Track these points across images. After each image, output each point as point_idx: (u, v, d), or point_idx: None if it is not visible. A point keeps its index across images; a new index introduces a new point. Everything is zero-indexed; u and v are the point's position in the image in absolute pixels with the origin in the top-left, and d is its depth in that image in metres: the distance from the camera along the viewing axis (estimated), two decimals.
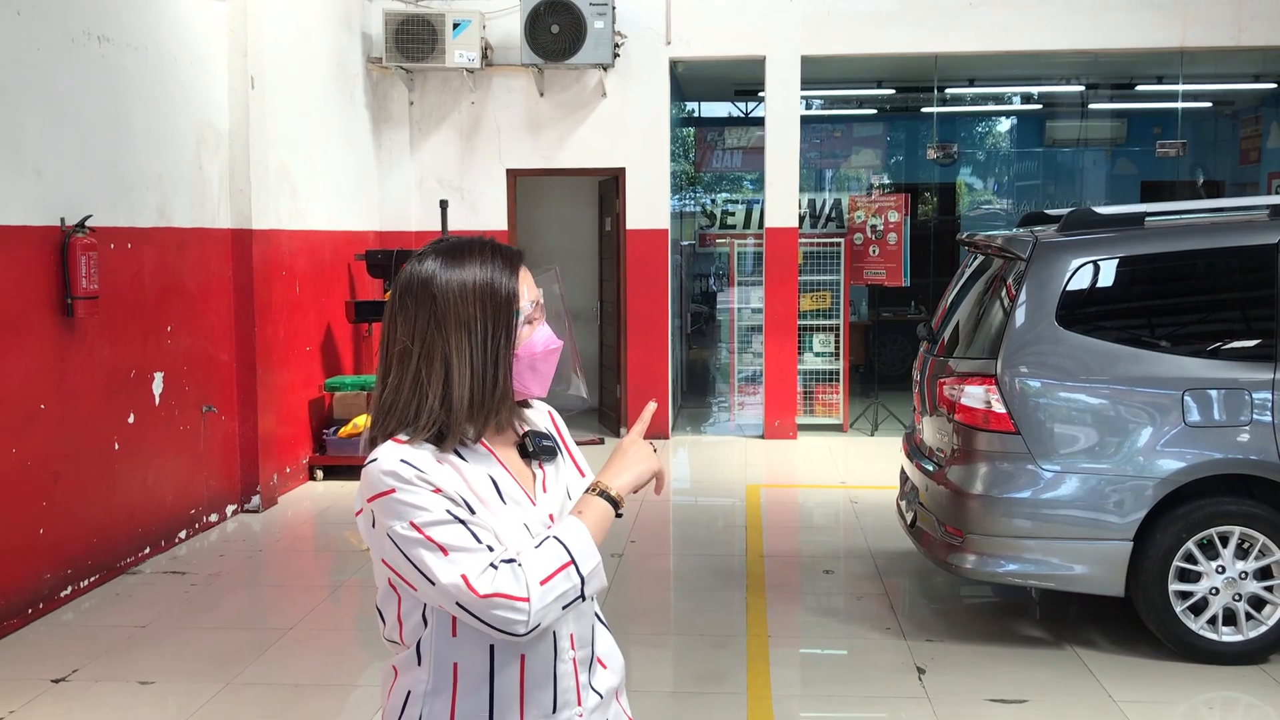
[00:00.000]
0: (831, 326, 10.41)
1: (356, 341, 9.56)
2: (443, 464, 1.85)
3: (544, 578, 1.75)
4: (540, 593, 1.75)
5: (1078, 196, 15.04)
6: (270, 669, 4.95)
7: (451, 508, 1.80)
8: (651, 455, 1.97)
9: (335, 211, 9.15)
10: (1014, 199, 15.79)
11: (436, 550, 1.76)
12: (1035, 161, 15.71)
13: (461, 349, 1.86)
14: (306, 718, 4.49)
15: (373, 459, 1.84)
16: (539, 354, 1.94)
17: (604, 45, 9.39)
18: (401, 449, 1.84)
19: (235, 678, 4.82)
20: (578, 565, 1.78)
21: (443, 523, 1.78)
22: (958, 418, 5.14)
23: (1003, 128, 16.12)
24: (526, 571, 1.75)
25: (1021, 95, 14.79)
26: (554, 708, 1.90)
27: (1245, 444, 4.80)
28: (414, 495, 1.79)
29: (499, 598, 1.73)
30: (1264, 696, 4.59)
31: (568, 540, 1.80)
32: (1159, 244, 5.13)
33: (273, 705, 4.58)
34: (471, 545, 1.77)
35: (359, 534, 7.07)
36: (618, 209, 10.19)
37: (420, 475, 1.80)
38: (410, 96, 10.01)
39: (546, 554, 1.78)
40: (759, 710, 4.47)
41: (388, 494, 1.80)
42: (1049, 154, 15.48)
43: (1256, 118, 13.88)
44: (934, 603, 5.85)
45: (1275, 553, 4.79)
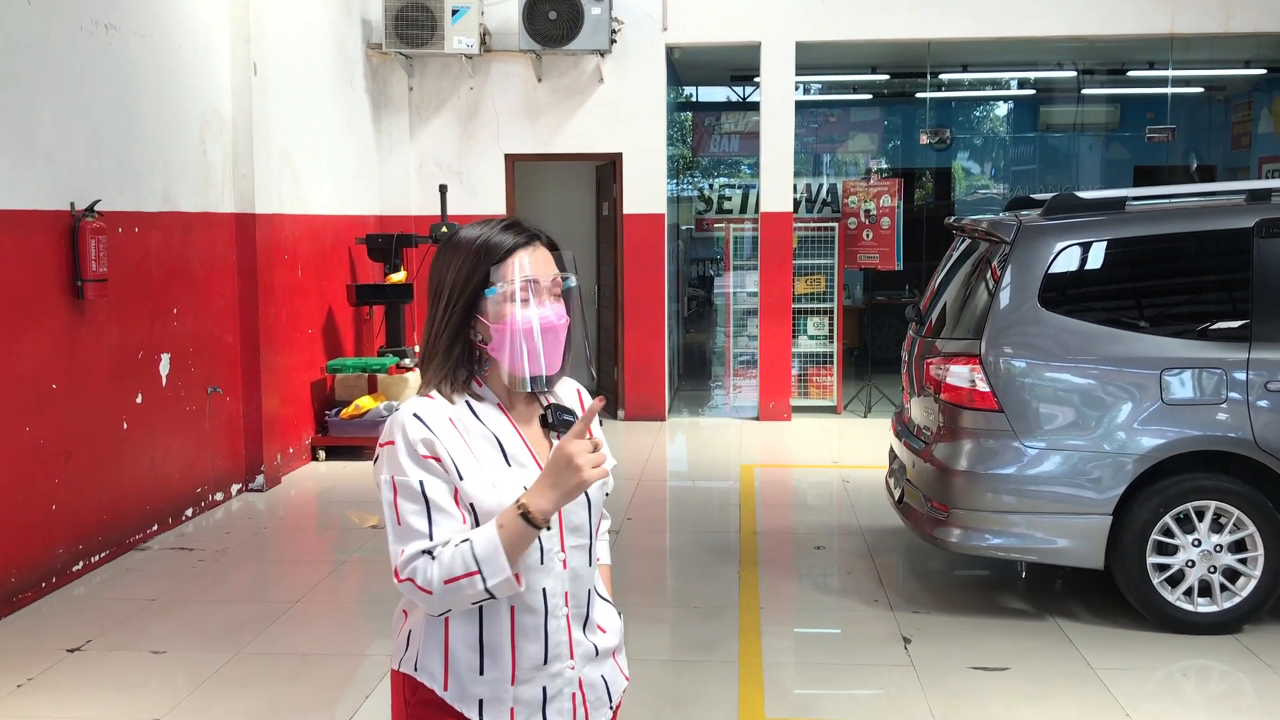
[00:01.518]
0: (826, 310, 10.56)
1: (357, 324, 9.71)
2: (454, 421, 2.01)
3: (449, 579, 1.91)
4: (443, 589, 1.91)
5: (1071, 181, 15.17)
6: (278, 639, 5.12)
7: (427, 479, 1.96)
8: (578, 469, 1.89)
9: (336, 196, 9.28)
10: (1008, 184, 15.92)
11: (394, 518, 1.98)
12: (1029, 147, 15.84)
13: (437, 309, 2.06)
14: (315, 684, 4.66)
15: (396, 407, 2.02)
16: (528, 330, 2.02)
17: (601, 31, 9.51)
18: (420, 403, 2.03)
19: (244, 647, 4.99)
20: (484, 576, 1.90)
21: (411, 495, 1.96)
22: (943, 397, 5.30)
23: (997, 113, 16.23)
24: (435, 568, 1.91)
25: (1015, 81, 14.90)
26: (545, 659, 2.05)
27: (1221, 422, 4.96)
28: (404, 456, 1.97)
29: (411, 583, 1.94)
30: (1237, 664, 4.75)
31: (480, 552, 1.90)
32: (1139, 228, 5.28)
33: (282, 672, 4.75)
34: (419, 528, 1.95)
35: (360, 513, 7.24)
36: (615, 194, 10.32)
37: (424, 434, 1.97)
38: (410, 82, 10.14)
39: (458, 558, 1.90)
40: (750, 678, 4.64)
41: (389, 444, 2.00)
42: (1042, 139, 15.61)
43: (1247, 103, 14.01)
44: (921, 577, 6.02)
45: (1249, 527, 4.95)
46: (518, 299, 2.03)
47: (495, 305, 2.03)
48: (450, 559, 1.91)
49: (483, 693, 2.02)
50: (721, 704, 4.40)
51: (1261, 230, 5.03)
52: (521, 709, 2.03)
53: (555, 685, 2.06)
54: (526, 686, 2.03)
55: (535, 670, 2.04)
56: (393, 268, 9.33)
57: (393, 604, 2.17)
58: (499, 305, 2.03)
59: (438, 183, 9.86)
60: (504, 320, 2.02)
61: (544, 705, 2.05)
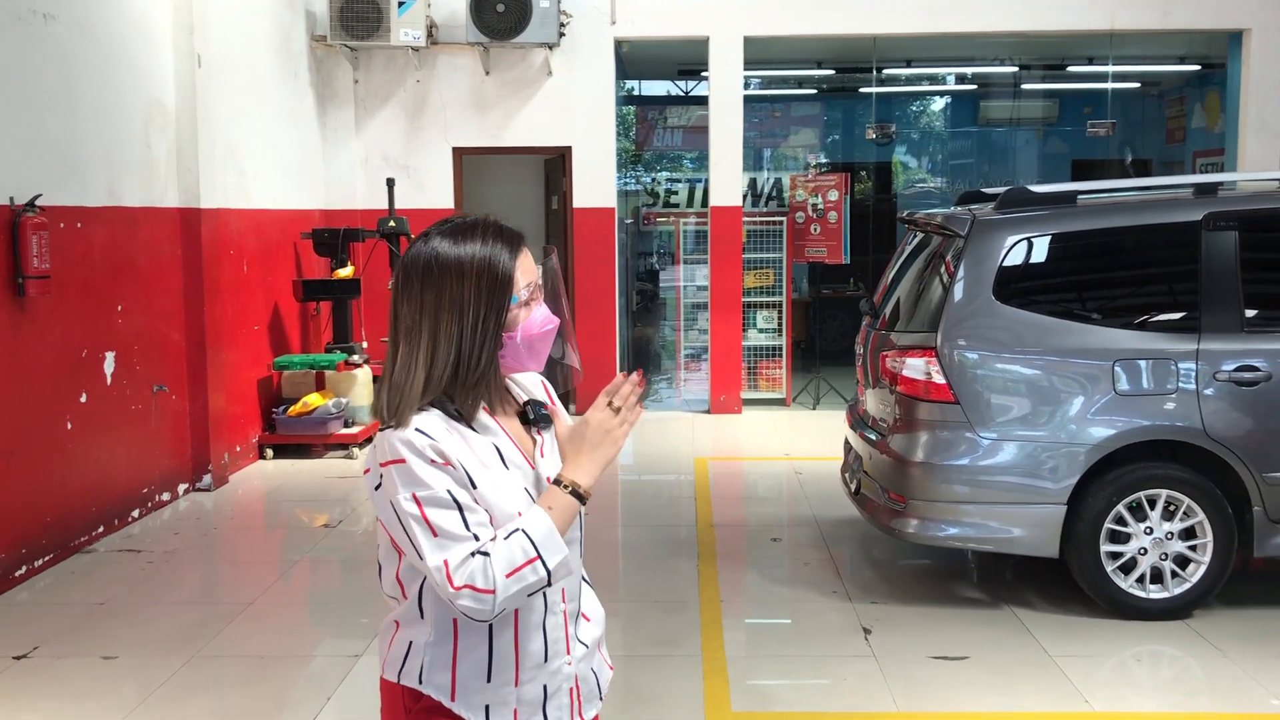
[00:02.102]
0: (774, 303, 10.61)
1: (304, 320, 9.58)
2: (451, 432, 1.96)
3: (510, 571, 1.87)
4: (505, 585, 1.86)
5: (1011, 175, 15.39)
6: (233, 642, 5.03)
7: (453, 486, 1.91)
8: (615, 440, 1.99)
9: (281, 190, 9.14)
10: (948, 178, 16.13)
11: (428, 530, 1.89)
12: (970, 141, 16.05)
13: (455, 327, 1.97)
14: (274, 688, 4.59)
15: (389, 425, 1.95)
16: (535, 335, 2.04)
17: (550, 24, 9.46)
18: (417, 417, 1.95)
19: (199, 651, 4.90)
20: (544, 559, 1.89)
21: (440, 503, 1.90)
22: (899, 389, 5.34)
23: (938, 108, 16.43)
24: (494, 564, 1.87)
25: (957, 76, 15.08)
26: (545, 657, 2.04)
27: (1171, 411, 5.06)
28: (421, 468, 1.91)
29: (468, 589, 1.86)
30: (1187, 649, 4.85)
31: (534, 535, 1.89)
32: (1090, 221, 5.36)
33: (239, 676, 4.67)
34: (459, 533, 1.89)
35: (310, 511, 7.15)
36: (565, 187, 10.28)
37: (432, 444, 1.92)
38: (355, 75, 10.01)
39: (514, 547, 1.88)
40: (714, 671, 4.65)
41: (399, 462, 1.92)
42: (983, 133, 15.82)
43: (1181, 98, 14.30)
44: (877, 567, 6.07)
45: (1199, 514, 5.05)
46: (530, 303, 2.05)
47: (510, 314, 2.01)
48: (508, 551, 1.88)
49: (489, 698, 2.00)
50: (687, 699, 4.40)
51: (1209, 223, 5.13)
52: (524, 709, 2.02)
53: (555, 682, 2.05)
54: (528, 686, 2.02)
55: (537, 669, 2.03)
56: (340, 263, 9.21)
57: (350, 603, 2.15)
58: (514, 312, 2.02)
59: (384, 176, 9.75)
60: (518, 327, 2.02)
61: (544, 703, 2.04)
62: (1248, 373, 5.02)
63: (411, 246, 2.03)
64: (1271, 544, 5.07)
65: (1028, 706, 4.32)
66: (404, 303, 1.98)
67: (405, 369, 1.97)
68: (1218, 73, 12.29)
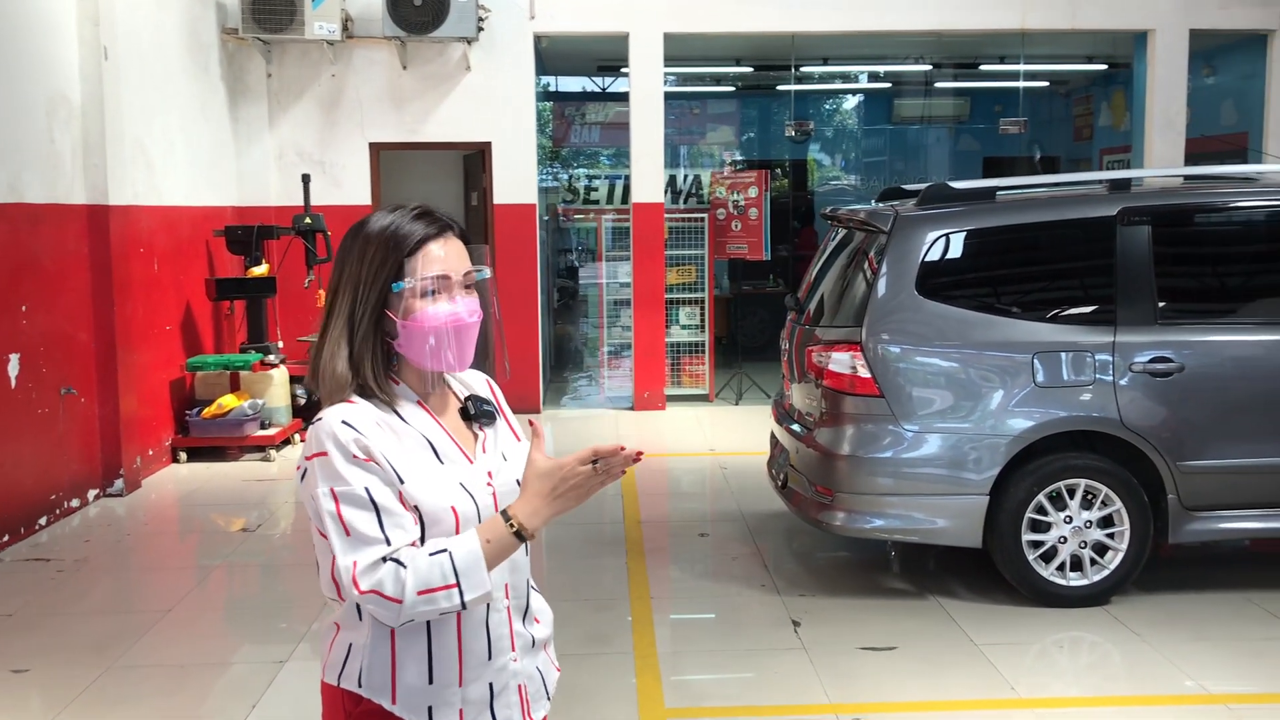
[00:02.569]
0: (697, 300, 10.64)
1: (217, 320, 9.35)
2: (381, 425, 1.92)
3: (424, 590, 1.82)
4: (414, 600, 1.82)
5: (924, 172, 15.65)
6: (151, 651, 4.88)
7: (373, 485, 1.86)
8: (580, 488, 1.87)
9: (192, 186, 8.91)
10: (863, 175, 16.34)
11: (342, 529, 1.85)
12: (884, 138, 16.28)
13: (347, 306, 1.94)
14: (197, 697, 4.46)
15: (319, 417, 1.91)
16: (439, 327, 1.94)
17: (468, 19, 9.36)
18: (345, 409, 1.91)
19: (115, 661, 4.74)
20: (462, 589, 1.83)
21: (357, 502, 1.85)
22: (825, 383, 5.38)
23: (854, 106, 16.63)
24: (409, 577, 1.82)
25: (872, 75, 15.28)
26: (489, 655, 2.00)
27: (1088, 403, 5.17)
28: (342, 464, 1.86)
29: (375, 594, 1.82)
30: (1107, 635, 4.97)
31: (459, 563, 1.83)
32: (1009, 217, 5.46)
33: (159, 686, 4.53)
34: (372, 535, 1.84)
35: (226, 515, 6.97)
36: (485, 183, 10.18)
37: (357, 439, 1.87)
38: (268, 69, 9.80)
39: (435, 568, 1.82)
40: (646, 668, 4.64)
41: (322, 455, 1.88)
42: (897, 131, 16.06)
43: (1088, 97, 14.67)
44: (804, 560, 6.11)
45: (1116, 503, 5.18)
46: (434, 294, 1.95)
47: (404, 301, 1.94)
48: (427, 569, 1.82)
49: (432, 699, 1.95)
50: (620, 697, 4.38)
51: (1123, 218, 5.26)
52: (470, 709, 1.98)
53: (501, 680, 2.01)
54: (474, 686, 1.98)
55: (481, 667, 1.99)
56: (254, 261, 9.00)
57: (271, 608, 2.08)
58: (408, 300, 1.94)
59: (299, 172, 9.57)
60: (413, 316, 1.94)
61: (491, 702, 2.00)
62: (1161, 364, 5.15)
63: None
64: (1185, 530, 5.21)
65: (956, 695, 4.38)
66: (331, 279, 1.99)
67: (328, 347, 1.95)
68: (1123, 72, 12.65)
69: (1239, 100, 10.91)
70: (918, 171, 15.76)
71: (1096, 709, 4.28)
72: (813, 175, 16.45)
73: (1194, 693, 4.38)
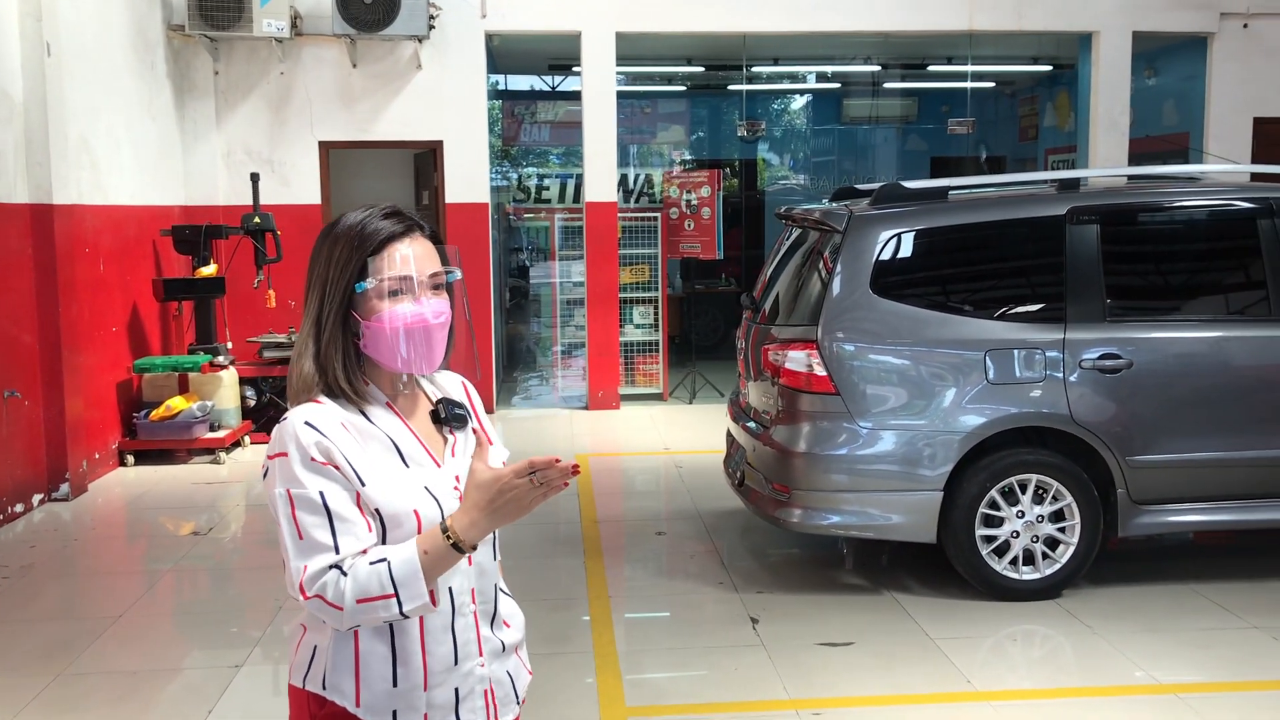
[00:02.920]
0: (650, 299, 10.66)
1: (165, 321, 9.22)
2: (346, 427, 1.91)
3: (363, 599, 1.82)
4: (354, 608, 1.82)
5: (872, 172, 15.79)
6: (102, 658, 4.80)
7: (328, 489, 1.86)
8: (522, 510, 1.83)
9: (139, 185, 8.77)
10: (812, 174, 16.45)
11: (295, 532, 1.86)
12: (834, 138, 16.40)
13: (315, 306, 1.95)
14: (150, 704, 4.39)
15: (284, 417, 1.91)
16: (405, 327, 1.93)
17: (419, 17, 9.30)
18: (309, 410, 1.91)
19: (66, 669, 4.66)
20: (400, 599, 1.82)
21: (310, 507, 1.85)
22: (782, 381, 5.42)
23: (803, 106, 16.73)
24: (348, 585, 1.82)
25: (822, 75, 15.39)
26: (455, 659, 1.99)
27: (1040, 399, 5.25)
28: (299, 467, 1.86)
29: (319, 599, 1.83)
30: (1058, 628, 5.05)
31: (396, 573, 1.81)
32: (961, 216, 5.53)
33: (111, 693, 4.46)
34: (323, 541, 1.84)
35: (176, 519, 6.87)
36: (436, 182, 10.13)
37: (319, 441, 1.87)
38: (215, 66, 9.67)
39: (374, 578, 1.81)
40: (606, 667, 4.64)
41: (282, 455, 1.88)
42: (846, 131, 16.18)
43: (1034, 98, 14.88)
44: (760, 557, 6.15)
45: (1067, 497, 5.26)
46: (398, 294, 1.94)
47: (368, 300, 1.93)
48: (366, 578, 1.81)
49: (396, 703, 1.94)
50: (581, 696, 4.38)
51: (1072, 217, 5.34)
52: (435, 713, 1.97)
53: (467, 685, 2.00)
54: (439, 690, 1.97)
55: (446, 672, 1.97)
56: (202, 261, 8.88)
57: (224, 613, 2.07)
58: (371, 301, 1.93)
59: (247, 171, 9.46)
60: (376, 316, 1.93)
61: (457, 706, 1.99)
62: (1110, 361, 5.24)
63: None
64: (1134, 524, 5.31)
65: (913, 689, 4.43)
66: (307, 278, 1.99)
67: (295, 347, 1.97)
68: (1067, 73, 12.85)
69: (1180, 101, 11.13)
70: (866, 171, 15.90)
71: (1051, 700, 4.35)
72: (762, 175, 16.54)
73: (1145, 683, 4.46)
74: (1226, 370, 5.36)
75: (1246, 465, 5.35)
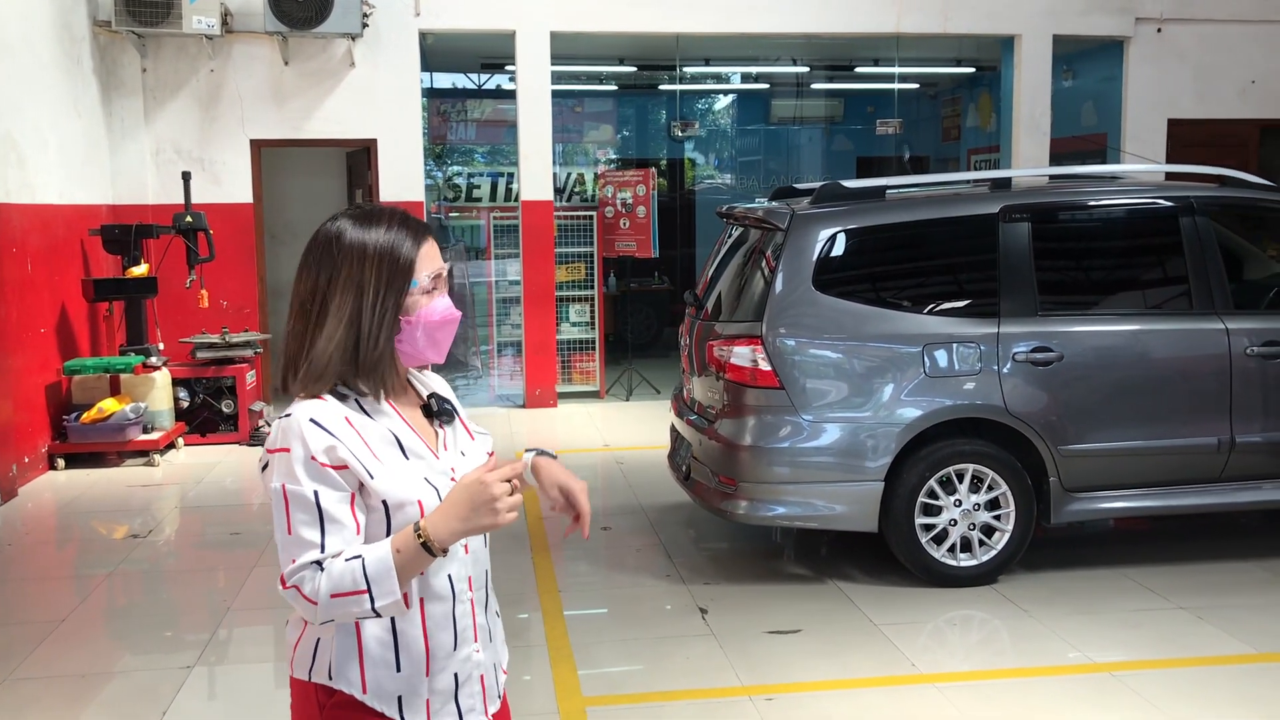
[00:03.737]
0: (586, 297, 10.72)
1: (94, 322, 9.05)
2: (351, 423, 1.96)
3: (337, 593, 1.87)
4: (328, 603, 1.88)
5: (799, 172, 16.00)
6: (49, 662, 4.74)
7: (324, 491, 1.90)
8: (496, 511, 1.86)
9: (66, 184, 8.60)
10: (740, 174, 16.62)
11: (285, 526, 1.91)
12: (762, 138, 16.58)
13: (353, 308, 1.98)
14: (102, 706, 4.35)
15: (287, 413, 1.95)
16: (435, 322, 2.04)
17: (352, 14, 9.25)
18: (314, 406, 1.95)
19: (11, 674, 4.59)
20: (373, 596, 1.87)
21: (304, 505, 1.90)
22: (727, 376, 5.52)
23: (733, 106, 16.90)
24: (323, 580, 1.87)
25: (753, 76, 15.56)
26: (454, 645, 2.05)
27: (975, 391, 5.42)
28: (299, 465, 1.91)
29: (296, 591, 1.90)
30: (995, 612, 5.22)
31: (370, 570, 1.86)
32: (899, 214, 5.68)
33: (62, 697, 4.41)
34: (311, 539, 1.90)
35: (113, 522, 6.77)
36: (370, 181, 10.08)
37: (323, 440, 1.92)
38: (143, 63, 9.52)
39: (348, 574, 1.86)
40: (561, 660, 4.70)
41: (284, 451, 1.93)
42: (775, 131, 16.37)
43: (956, 99, 15.22)
44: (705, 549, 6.25)
45: (1002, 486, 5.44)
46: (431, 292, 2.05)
47: (411, 297, 2.02)
48: (340, 574, 1.87)
49: (401, 689, 2.00)
50: (538, 689, 4.44)
51: (1005, 216, 5.53)
52: (436, 699, 2.03)
53: (465, 670, 2.07)
54: (440, 676, 2.03)
55: (447, 658, 2.04)
56: (132, 260, 8.75)
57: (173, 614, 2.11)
58: (416, 297, 2.02)
59: (177, 170, 9.33)
60: (418, 312, 2.02)
61: (456, 692, 2.05)
62: (1042, 353, 5.43)
63: (319, 227, 2.05)
64: (1066, 511, 5.51)
65: (862, 673, 4.56)
66: (303, 279, 2.02)
67: (297, 342, 2.01)
68: (988, 75, 13.18)
69: (1098, 102, 11.48)
70: (794, 171, 16.10)
71: (992, 681, 4.51)
72: (690, 174, 16.67)
73: (1080, 662, 4.65)
74: (1151, 362, 5.58)
75: (1170, 453, 5.58)
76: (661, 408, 9.84)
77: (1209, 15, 10.77)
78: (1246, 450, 5.59)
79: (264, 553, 6.13)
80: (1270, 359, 5.58)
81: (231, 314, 9.71)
